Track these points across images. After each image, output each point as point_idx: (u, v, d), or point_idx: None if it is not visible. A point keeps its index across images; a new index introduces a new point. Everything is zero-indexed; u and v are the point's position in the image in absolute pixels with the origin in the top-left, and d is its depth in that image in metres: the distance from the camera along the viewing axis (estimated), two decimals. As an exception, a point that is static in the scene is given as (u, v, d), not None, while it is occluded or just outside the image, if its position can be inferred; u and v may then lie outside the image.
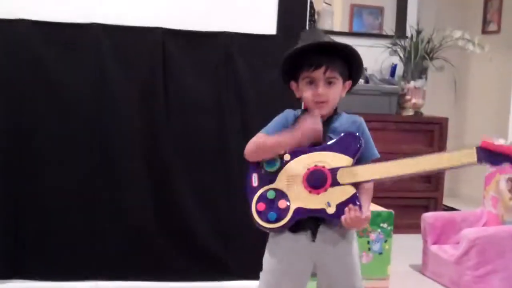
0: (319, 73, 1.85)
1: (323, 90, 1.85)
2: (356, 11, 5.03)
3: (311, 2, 2.89)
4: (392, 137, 4.39)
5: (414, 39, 4.60)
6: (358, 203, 1.81)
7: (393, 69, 4.79)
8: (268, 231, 1.89)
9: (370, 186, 1.90)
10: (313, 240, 1.87)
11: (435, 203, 4.46)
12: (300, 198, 1.84)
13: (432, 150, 4.43)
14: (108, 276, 2.72)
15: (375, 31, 5.01)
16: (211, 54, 2.72)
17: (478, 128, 5.13)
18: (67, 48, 2.64)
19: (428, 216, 3.53)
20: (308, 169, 1.83)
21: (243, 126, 2.72)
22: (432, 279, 3.37)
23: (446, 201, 4.67)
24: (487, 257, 3.12)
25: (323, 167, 1.83)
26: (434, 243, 3.45)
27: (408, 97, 4.57)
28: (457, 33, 4.47)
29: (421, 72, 4.61)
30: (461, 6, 5.24)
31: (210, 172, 2.76)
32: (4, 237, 2.65)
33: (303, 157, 1.85)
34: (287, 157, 1.85)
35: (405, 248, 3.67)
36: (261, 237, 1.94)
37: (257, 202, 1.87)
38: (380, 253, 3.05)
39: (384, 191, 4.05)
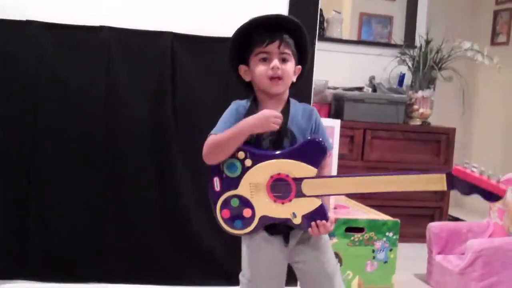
0: (273, 47, 1.81)
1: (278, 65, 1.81)
2: (365, 19, 5.04)
3: (320, 10, 2.91)
4: (399, 146, 4.39)
5: (423, 49, 4.59)
6: (324, 215, 1.79)
7: (401, 78, 4.78)
8: (236, 235, 1.87)
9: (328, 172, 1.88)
10: (286, 245, 1.86)
11: (440, 213, 4.44)
12: (265, 207, 1.81)
13: (439, 160, 4.44)
14: (111, 278, 2.72)
15: (384, 40, 5.02)
16: (220, 58, 2.72)
17: (485, 139, 5.12)
18: (76, 50, 2.65)
19: (434, 226, 3.52)
20: (271, 176, 1.79)
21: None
22: (437, 289, 3.36)
23: (452, 211, 4.66)
24: (493, 268, 3.11)
25: (287, 175, 1.78)
26: (439, 253, 3.43)
27: (415, 106, 4.57)
28: (466, 44, 4.47)
29: (429, 82, 4.60)
30: (470, 17, 5.25)
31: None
32: (7, 237, 2.65)
33: (265, 163, 1.80)
34: (248, 162, 1.80)
35: (410, 257, 3.66)
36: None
37: (221, 208, 1.84)
38: (385, 262, 3.04)
39: (390, 200, 4.08)
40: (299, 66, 1.91)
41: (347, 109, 4.35)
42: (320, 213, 1.79)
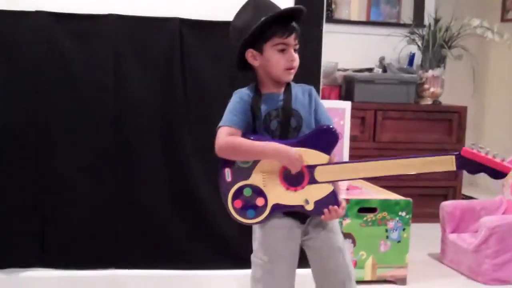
0: (291, 39, 1.86)
1: (296, 57, 1.88)
2: (373, 0, 5.00)
3: (328, -9, 2.91)
4: (410, 126, 4.39)
5: (432, 28, 4.57)
6: (336, 200, 1.83)
7: (411, 58, 4.77)
8: (247, 224, 1.89)
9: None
10: (303, 223, 1.90)
11: (454, 192, 4.44)
12: (277, 195, 1.84)
13: (451, 139, 4.43)
14: (124, 264, 2.75)
15: (393, 20, 4.98)
16: (228, 43, 2.72)
17: (497, 117, 5.10)
18: (85, 38, 2.65)
19: (447, 205, 3.52)
20: (284, 165, 1.82)
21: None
22: (451, 268, 3.37)
23: (465, 191, 4.65)
24: (506, 245, 3.12)
25: None
26: (453, 232, 3.44)
27: (426, 86, 4.55)
28: (476, 21, 4.43)
29: (439, 61, 4.58)
30: (480, -6, 5.20)
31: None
32: (22, 226, 2.68)
33: None
34: None
35: (424, 236, 3.67)
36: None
37: (233, 199, 1.87)
38: (399, 242, 3.05)
39: (403, 180, 4.08)
40: None
41: (358, 91, 4.35)
42: (332, 199, 1.83)
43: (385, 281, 3.09)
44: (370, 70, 4.59)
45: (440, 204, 3.55)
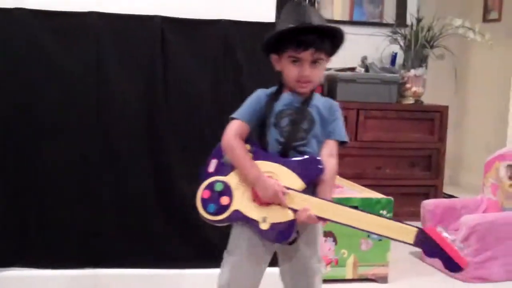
0: (306, 55, 1.81)
1: (309, 72, 1.83)
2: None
3: (311, -9, 2.91)
4: (392, 125, 4.41)
5: (414, 28, 4.59)
6: (290, 232, 1.79)
7: (394, 57, 4.79)
8: (205, 220, 1.89)
9: (330, 177, 1.85)
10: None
11: (435, 191, 4.46)
12: (242, 202, 1.84)
13: (433, 138, 4.45)
14: (108, 263, 2.73)
15: (376, 20, 4.99)
16: (210, 42, 2.72)
17: (478, 116, 5.14)
18: (66, 36, 2.62)
19: (428, 203, 3.54)
20: None
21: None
22: (432, 266, 3.38)
23: (446, 189, 4.68)
24: (487, 243, 3.15)
25: (276, 180, 1.80)
26: (434, 230, 3.45)
27: (408, 85, 4.57)
28: (458, 21, 4.47)
29: (421, 61, 4.60)
30: (462, -6, 5.24)
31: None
32: (5, 225, 2.66)
33: (261, 162, 1.83)
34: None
35: (405, 235, 3.69)
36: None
37: (205, 188, 1.89)
38: (380, 240, 3.06)
39: (384, 180, 4.11)
40: (329, 58, 1.93)
41: (340, 90, 4.35)
42: (286, 227, 1.80)
43: (366, 279, 3.10)
44: (352, 69, 4.59)
45: (421, 203, 3.57)
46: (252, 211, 1.83)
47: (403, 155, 4.43)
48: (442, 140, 4.48)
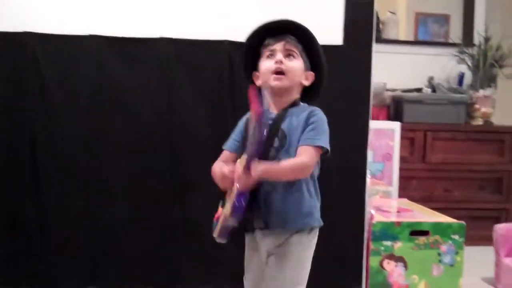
0: (279, 45, 1.89)
1: (283, 60, 1.88)
2: (421, 19, 4.97)
3: (376, 12, 2.89)
4: (461, 147, 4.32)
5: (482, 47, 4.50)
6: (241, 200, 1.75)
7: (461, 77, 4.70)
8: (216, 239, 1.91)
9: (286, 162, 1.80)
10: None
11: (507, 214, 4.34)
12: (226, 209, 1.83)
13: (503, 160, 4.34)
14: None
15: (441, 39, 4.93)
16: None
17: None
18: (136, 62, 2.70)
19: (500, 228, 3.43)
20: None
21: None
22: (506, 292, 3.28)
23: (518, 213, 4.54)
24: None
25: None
26: (507, 255, 3.35)
27: (477, 106, 4.48)
28: (527, 40, 4.37)
29: (490, 80, 4.51)
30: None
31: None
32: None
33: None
34: None
35: (477, 260, 3.58)
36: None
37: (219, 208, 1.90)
38: (452, 265, 2.98)
39: (453, 203, 4.01)
40: (312, 72, 1.95)
41: (407, 111, 4.30)
42: (237, 200, 1.75)
43: (438, 305, 3.02)
44: (419, 90, 4.53)
45: (492, 226, 3.47)
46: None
47: (472, 177, 4.33)
48: (513, 162, 4.37)
